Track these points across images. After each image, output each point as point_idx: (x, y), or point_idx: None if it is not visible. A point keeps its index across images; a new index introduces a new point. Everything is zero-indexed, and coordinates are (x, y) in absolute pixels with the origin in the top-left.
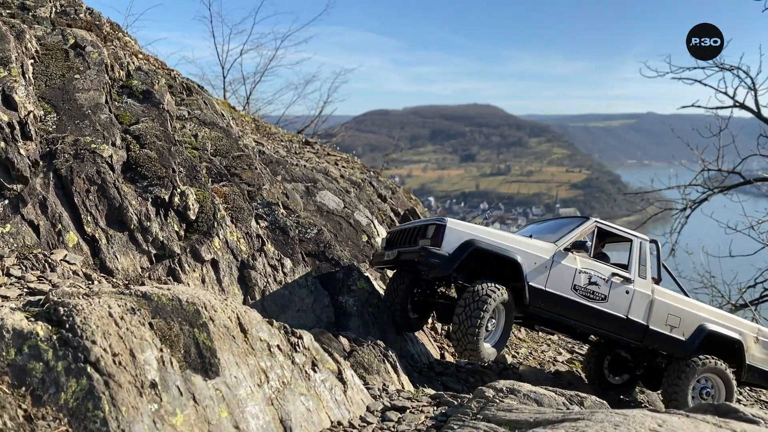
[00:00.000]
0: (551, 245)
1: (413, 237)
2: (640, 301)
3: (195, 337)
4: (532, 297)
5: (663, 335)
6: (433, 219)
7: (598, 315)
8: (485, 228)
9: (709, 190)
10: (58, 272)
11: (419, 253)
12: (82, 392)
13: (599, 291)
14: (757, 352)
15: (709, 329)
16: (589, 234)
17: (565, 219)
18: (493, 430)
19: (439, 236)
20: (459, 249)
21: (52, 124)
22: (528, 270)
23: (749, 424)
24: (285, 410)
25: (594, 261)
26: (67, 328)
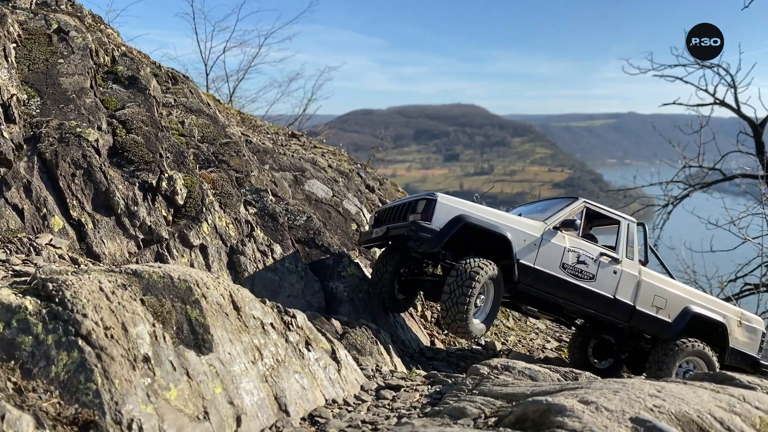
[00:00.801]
0: (541, 223)
1: (403, 213)
2: (628, 281)
3: (187, 313)
4: (521, 274)
5: (649, 316)
6: (423, 194)
7: (586, 294)
8: (475, 204)
9: (691, 186)
10: (43, 256)
11: (409, 228)
12: (74, 365)
13: (587, 270)
14: (740, 335)
15: (694, 311)
16: (578, 213)
17: (554, 199)
18: (491, 403)
19: (430, 211)
20: (449, 224)
21: (36, 108)
22: (517, 247)
23: (746, 389)
24: (279, 387)
25: (582, 240)
26: (57, 302)
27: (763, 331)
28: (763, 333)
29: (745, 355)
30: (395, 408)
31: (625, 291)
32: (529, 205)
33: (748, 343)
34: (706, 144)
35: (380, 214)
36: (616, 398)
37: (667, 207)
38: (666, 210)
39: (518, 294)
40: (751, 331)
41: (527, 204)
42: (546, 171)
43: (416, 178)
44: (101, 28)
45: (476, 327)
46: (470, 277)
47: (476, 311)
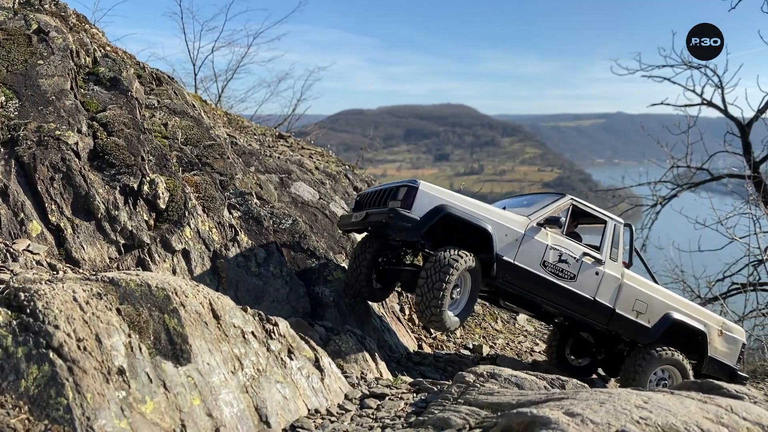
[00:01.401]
0: (524, 219)
1: (383, 199)
2: (609, 283)
3: (165, 323)
4: (500, 270)
5: (629, 320)
6: (405, 181)
7: (565, 294)
8: (458, 195)
9: (679, 186)
10: (20, 262)
11: (388, 215)
12: (44, 379)
13: (568, 269)
14: (719, 345)
15: (674, 318)
16: (564, 211)
17: (540, 194)
18: (476, 414)
19: (411, 199)
20: (430, 213)
21: (14, 111)
22: (498, 241)
23: (734, 399)
24: (260, 398)
25: (566, 238)
26: (28, 313)
27: (743, 342)
28: (743, 344)
29: (723, 365)
30: (379, 418)
31: (606, 293)
32: (514, 198)
33: (727, 353)
34: (693, 144)
35: (361, 198)
36: (602, 410)
37: (656, 207)
38: (654, 210)
39: (496, 289)
40: (731, 342)
41: (513, 196)
42: (535, 171)
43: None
44: (85, 28)
45: (450, 319)
46: (448, 265)
47: (452, 303)
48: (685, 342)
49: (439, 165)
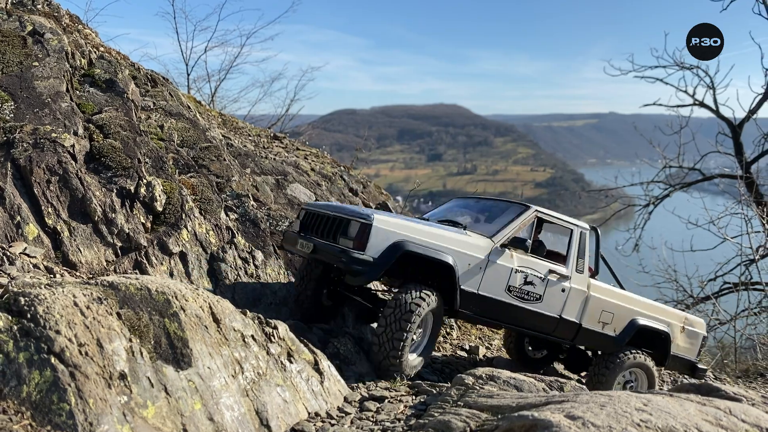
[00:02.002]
0: (487, 241)
1: (333, 230)
2: (575, 298)
3: (166, 327)
4: (463, 302)
5: (595, 333)
6: (357, 213)
7: (531, 316)
8: (415, 224)
9: (671, 186)
10: (17, 266)
11: (339, 258)
12: (46, 384)
13: (534, 291)
14: (681, 341)
15: (640, 324)
16: (529, 226)
17: (501, 204)
18: (476, 416)
19: (364, 238)
20: (387, 253)
21: (9, 113)
22: (461, 272)
23: (732, 401)
24: (261, 401)
25: (531, 257)
26: (29, 318)
27: (704, 335)
28: (703, 336)
29: (684, 360)
30: (379, 420)
31: (572, 309)
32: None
33: (688, 348)
34: (685, 144)
35: (308, 218)
36: (603, 413)
37: (648, 207)
38: (647, 210)
39: (457, 317)
40: (692, 336)
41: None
42: (528, 171)
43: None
44: (79, 29)
45: (411, 364)
46: (407, 314)
47: (413, 345)
48: (649, 342)
49: (432, 165)
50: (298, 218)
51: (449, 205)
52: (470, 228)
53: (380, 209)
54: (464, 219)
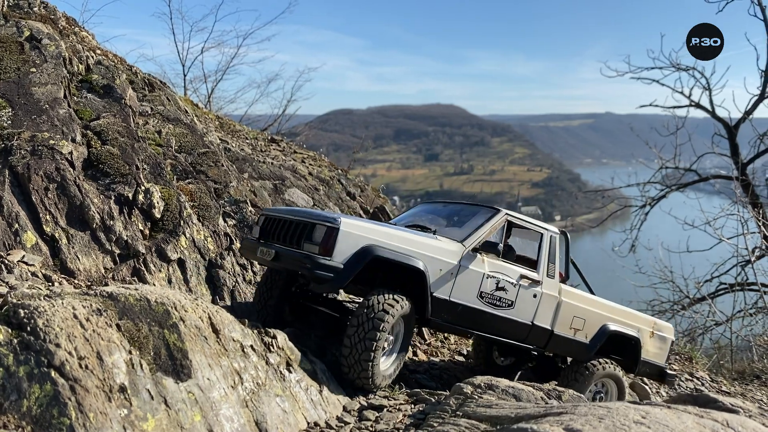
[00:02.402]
0: (458, 246)
1: (296, 236)
2: (547, 304)
3: (165, 338)
4: (435, 309)
5: (567, 339)
6: (322, 216)
7: (504, 323)
8: (384, 228)
9: (667, 187)
10: (15, 274)
11: (303, 265)
12: (47, 398)
13: (506, 297)
14: (651, 346)
15: (611, 330)
16: (500, 230)
17: (471, 208)
18: (475, 427)
19: (330, 242)
20: (355, 258)
21: (6, 119)
22: (432, 278)
23: (729, 413)
24: (260, 412)
25: (502, 262)
26: (29, 331)
27: (672, 339)
28: (672, 341)
29: (654, 365)
30: (378, 430)
31: (544, 315)
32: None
33: (658, 353)
34: (681, 145)
35: (268, 223)
36: (602, 426)
37: (645, 208)
38: (643, 211)
39: (428, 325)
40: (661, 341)
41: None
42: (525, 171)
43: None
44: (75, 31)
45: (382, 374)
46: (378, 319)
47: (383, 353)
48: (619, 348)
49: (429, 165)
50: (257, 224)
51: (416, 210)
52: (440, 233)
53: (378, 213)
54: (432, 224)
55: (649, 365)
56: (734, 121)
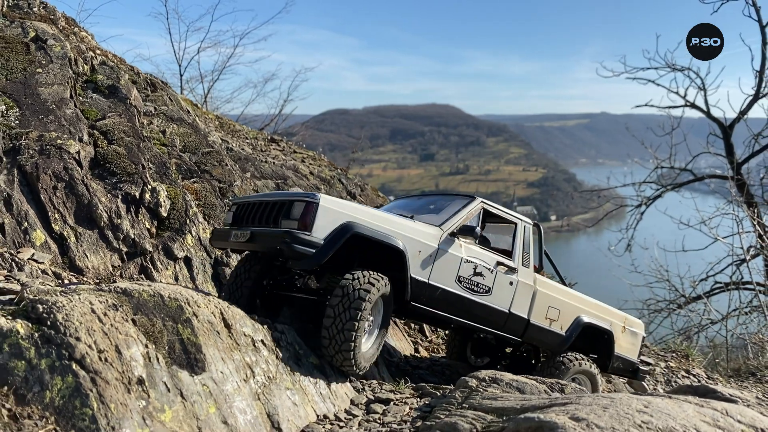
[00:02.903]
0: (436, 230)
1: (273, 215)
2: (524, 292)
3: (179, 332)
4: (414, 291)
5: (543, 329)
6: (300, 193)
7: (482, 309)
8: (362, 207)
9: (663, 187)
10: (26, 271)
11: (282, 240)
12: (69, 390)
13: (483, 283)
14: (623, 341)
15: (585, 321)
16: (476, 216)
17: (447, 196)
18: (481, 418)
19: (310, 217)
20: (335, 235)
21: (15, 119)
22: (411, 259)
23: (729, 402)
24: (272, 405)
25: (480, 248)
26: (49, 325)
27: (643, 335)
28: (643, 337)
29: (627, 360)
30: (386, 422)
31: (521, 304)
32: (413, 200)
33: (630, 349)
34: (677, 145)
35: (240, 209)
36: (606, 415)
37: (640, 208)
38: (639, 210)
39: (408, 313)
40: (633, 336)
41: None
42: (520, 170)
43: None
44: (75, 31)
45: (365, 356)
46: (359, 299)
47: (365, 333)
48: (593, 342)
49: (424, 165)
50: (230, 211)
51: (390, 206)
52: (418, 218)
53: None
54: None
55: (622, 360)
56: (729, 121)
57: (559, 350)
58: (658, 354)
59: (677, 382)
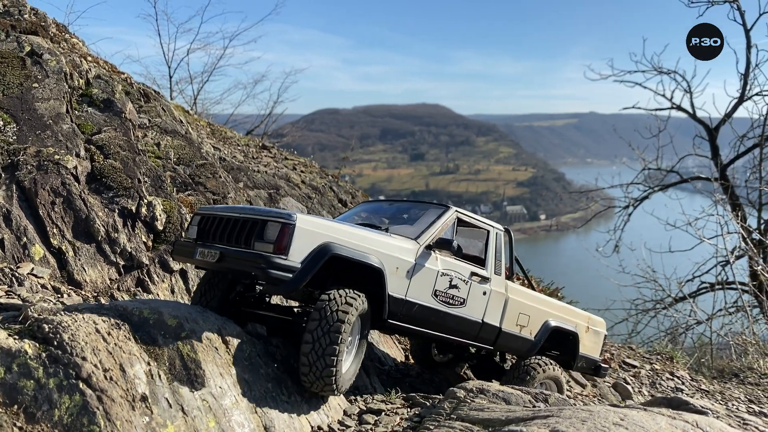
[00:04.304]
0: (413, 243)
1: (245, 235)
2: (496, 301)
3: (179, 349)
4: (392, 309)
5: (514, 336)
6: (274, 213)
7: (457, 322)
8: (339, 225)
9: (650, 188)
10: (26, 286)
11: (257, 265)
12: (76, 408)
13: (459, 295)
14: (587, 341)
15: (553, 326)
16: (451, 227)
17: (420, 205)
18: (468, 429)
19: (286, 240)
20: (313, 257)
21: (12, 135)
22: (389, 276)
23: (699, 415)
24: (268, 417)
25: (454, 259)
26: (56, 345)
27: (605, 334)
28: (604, 335)
29: (590, 359)
30: None
31: (494, 312)
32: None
33: (593, 348)
34: (663, 147)
35: (206, 222)
36: (584, 428)
37: (628, 209)
38: (627, 211)
39: (383, 329)
40: (596, 335)
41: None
42: (510, 170)
43: (382, 178)
44: (66, 38)
45: (345, 378)
46: (338, 321)
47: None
48: (559, 344)
49: (414, 165)
50: (192, 224)
51: (357, 210)
52: (392, 230)
53: None
54: (381, 222)
55: (585, 359)
56: (715, 122)
57: (528, 355)
58: (644, 356)
59: (662, 384)
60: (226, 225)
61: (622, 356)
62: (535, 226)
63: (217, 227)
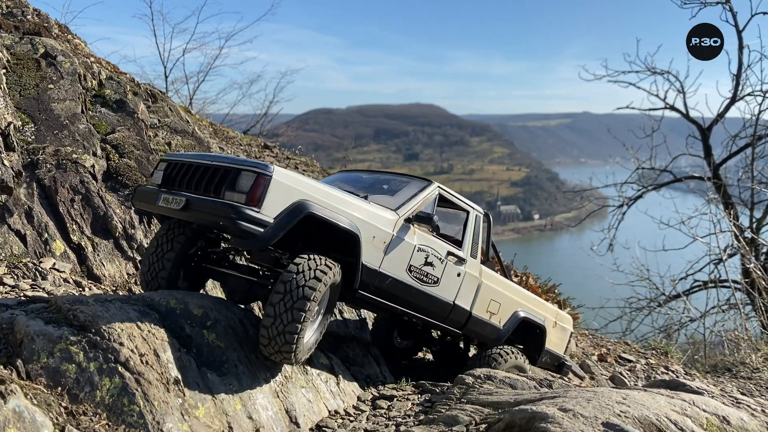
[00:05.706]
0: (392, 214)
1: (215, 183)
2: (470, 284)
3: (205, 337)
4: (364, 280)
5: (483, 322)
6: (250, 162)
7: (428, 300)
8: (317, 183)
9: (644, 187)
10: (49, 280)
11: (227, 215)
12: (116, 389)
13: (433, 273)
14: (554, 336)
15: (522, 316)
16: (432, 201)
17: (401, 177)
18: (479, 411)
19: (261, 191)
20: (287, 214)
21: (30, 135)
22: (365, 245)
23: (696, 394)
24: (290, 402)
25: (432, 236)
26: (94, 332)
27: (571, 331)
28: (570, 332)
29: (554, 355)
30: (392, 417)
31: (466, 295)
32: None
33: (558, 344)
34: (657, 147)
35: (173, 169)
36: (590, 406)
37: (622, 208)
38: (621, 210)
39: (351, 300)
40: (562, 332)
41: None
42: (504, 170)
43: None
44: (68, 39)
45: (305, 348)
46: (310, 287)
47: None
48: (525, 336)
49: (409, 164)
50: (158, 170)
51: (335, 177)
52: (372, 199)
53: None
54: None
55: (550, 355)
56: (707, 122)
57: (495, 344)
58: (639, 351)
59: (657, 378)
60: (195, 172)
61: (619, 351)
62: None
63: (185, 174)
